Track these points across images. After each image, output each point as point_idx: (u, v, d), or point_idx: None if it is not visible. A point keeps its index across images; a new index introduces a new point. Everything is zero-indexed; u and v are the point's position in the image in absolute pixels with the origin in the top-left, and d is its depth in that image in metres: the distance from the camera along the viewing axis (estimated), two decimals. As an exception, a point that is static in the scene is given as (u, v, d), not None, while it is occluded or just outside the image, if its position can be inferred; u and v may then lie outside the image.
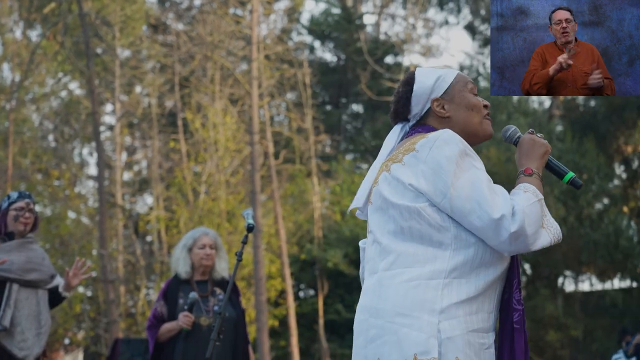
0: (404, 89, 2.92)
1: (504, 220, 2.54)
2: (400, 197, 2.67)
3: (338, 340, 23.16)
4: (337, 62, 32.06)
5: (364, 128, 31.55)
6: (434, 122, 2.86)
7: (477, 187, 2.60)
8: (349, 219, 23.57)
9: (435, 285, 2.58)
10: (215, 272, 5.76)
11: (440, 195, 2.61)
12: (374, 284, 2.68)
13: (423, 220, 2.63)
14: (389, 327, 2.57)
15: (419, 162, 2.66)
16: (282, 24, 26.33)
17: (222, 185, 20.60)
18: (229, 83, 21.68)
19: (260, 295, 18.23)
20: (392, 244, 2.68)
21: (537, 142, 2.82)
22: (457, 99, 2.87)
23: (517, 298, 2.68)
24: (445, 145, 2.64)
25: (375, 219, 2.77)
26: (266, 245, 20.97)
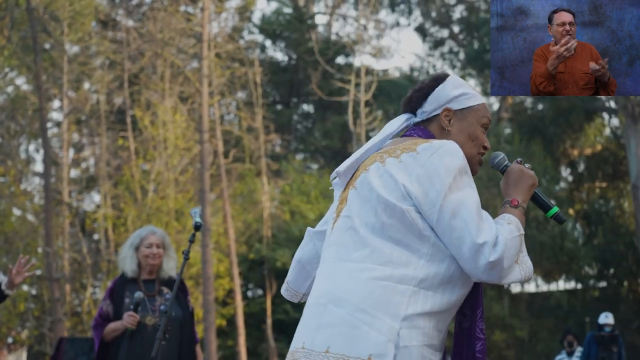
0: (431, 83, 2.85)
1: (485, 247, 2.50)
2: (389, 193, 2.59)
3: (286, 340, 23.15)
4: (288, 61, 32.04)
5: (315, 128, 31.57)
6: (435, 130, 2.81)
7: (468, 207, 2.54)
8: (298, 219, 23.56)
9: (404, 290, 2.52)
10: (163, 271, 5.70)
11: (429, 204, 2.55)
12: (343, 272, 2.59)
13: (405, 223, 2.57)
14: (348, 320, 2.50)
15: (416, 164, 2.60)
16: (233, 23, 26.25)
17: (171, 183, 20.46)
18: (179, 81, 21.54)
19: (208, 294, 18.14)
20: (369, 237, 2.59)
21: (526, 174, 2.77)
22: (466, 122, 2.81)
23: (481, 327, 2.66)
24: (448, 156, 2.59)
25: (356, 205, 2.67)
26: (215, 245, 20.88)
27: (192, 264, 20.16)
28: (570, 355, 12.90)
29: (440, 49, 28.15)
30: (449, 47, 28.00)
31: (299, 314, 18.52)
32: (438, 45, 28.12)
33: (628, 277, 24.28)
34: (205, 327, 18.23)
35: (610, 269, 25.13)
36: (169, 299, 5.58)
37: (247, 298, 24.68)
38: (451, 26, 27.48)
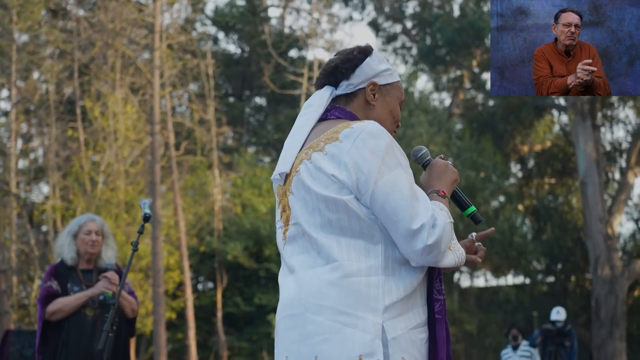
0: (360, 55, 2.76)
1: (422, 231, 2.49)
2: (325, 188, 2.55)
3: (236, 333, 23.09)
4: (240, 54, 31.91)
5: (267, 121, 31.50)
6: (357, 106, 2.74)
7: (400, 188, 2.52)
8: (249, 212, 23.50)
9: (375, 282, 2.50)
10: (101, 260, 5.57)
11: (362, 191, 2.52)
12: (312, 279, 2.55)
13: (351, 213, 2.53)
14: (330, 326, 2.48)
15: (342, 153, 2.55)
16: (186, 14, 26.04)
17: (121, 175, 20.27)
18: (130, 72, 21.33)
19: (158, 287, 18.02)
20: (322, 237, 2.56)
21: (450, 169, 2.78)
22: (389, 98, 2.77)
23: (438, 288, 2.64)
24: (371, 138, 2.54)
25: (298, 209, 2.63)
26: (165, 237, 20.74)
27: (142, 257, 20.00)
28: (515, 349, 13.04)
29: (393, 44, 28.23)
30: (401, 42, 28.10)
31: (250, 307, 18.59)
32: (391, 40, 28.19)
33: (576, 272, 24.63)
34: (155, 320, 18.10)
35: (558, 264, 25.45)
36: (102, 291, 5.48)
37: (198, 291, 24.57)
38: (404, 21, 27.58)
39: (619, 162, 25.02)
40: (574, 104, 22.17)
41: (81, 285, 5.46)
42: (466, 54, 24.19)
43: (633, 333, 23.04)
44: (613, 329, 20.90)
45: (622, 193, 22.60)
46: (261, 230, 22.73)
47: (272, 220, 23.07)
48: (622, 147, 24.85)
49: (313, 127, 2.72)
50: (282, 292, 2.66)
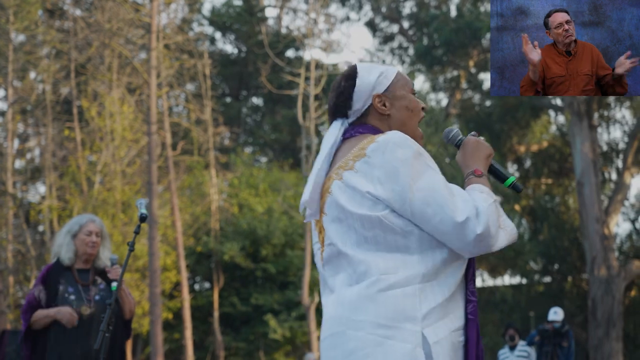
0: (347, 83, 2.81)
1: (469, 223, 2.52)
2: (359, 206, 2.59)
3: (232, 333, 23.08)
4: (237, 54, 31.91)
5: (264, 121, 31.50)
6: (374, 120, 2.79)
7: (436, 189, 2.55)
8: (246, 212, 23.49)
9: (412, 291, 2.53)
10: (99, 261, 5.57)
11: (399, 201, 2.55)
12: (350, 296, 2.58)
13: (386, 228, 2.57)
14: (371, 339, 2.51)
15: (372, 168, 2.59)
16: (182, 14, 26.04)
17: (118, 175, 20.25)
18: (126, 71, 21.32)
19: (155, 287, 18.00)
20: (359, 254, 2.59)
21: (482, 144, 2.80)
22: (398, 97, 2.80)
23: (472, 290, 2.67)
24: (398, 148, 2.58)
25: (333, 230, 2.66)
26: (162, 237, 20.72)
27: (139, 257, 19.98)
28: (512, 349, 13.04)
29: (390, 44, 28.23)
30: (398, 42, 28.10)
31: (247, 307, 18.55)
32: (388, 40, 28.20)
33: (572, 272, 24.63)
34: (152, 320, 18.08)
35: (555, 265, 25.45)
36: (103, 289, 5.50)
37: (194, 291, 24.56)
38: (401, 22, 27.58)
39: (615, 163, 25.03)
40: (571, 103, 22.18)
41: (76, 285, 5.46)
42: (463, 54, 24.19)
43: (629, 333, 23.05)
44: (609, 329, 20.91)
45: (618, 193, 22.62)
46: (258, 230, 22.72)
47: (268, 220, 23.07)
48: (618, 148, 24.86)
49: (337, 148, 2.77)
50: (325, 313, 2.70)
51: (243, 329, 23.04)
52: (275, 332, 21.56)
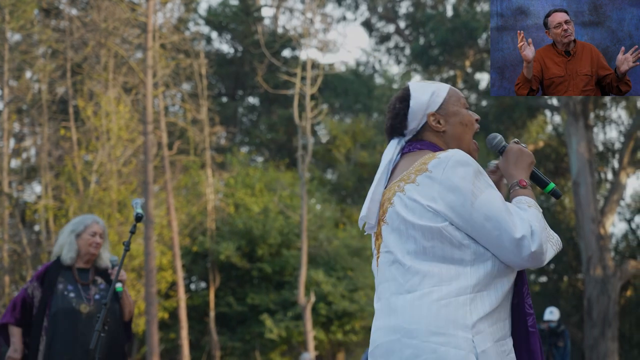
0: (401, 105, 2.92)
1: (524, 240, 2.65)
2: (420, 218, 2.71)
3: (228, 333, 23.07)
4: (234, 53, 31.89)
5: (260, 121, 31.49)
6: (430, 137, 2.91)
7: (495, 206, 2.68)
8: (242, 212, 23.48)
9: (463, 301, 2.65)
10: (101, 261, 5.62)
11: (460, 216, 2.68)
12: (404, 305, 2.69)
13: (445, 240, 2.69)
14: (425, 347, 2.61)
15: (433, 182, 2.71)
16: (179, 14, 26.01)
17: (114, 175, 20.22)
18: (122, 71, 21.28)
19: (151, 287, 17.98)
20: (416, 264, 2.71)
21: (525, 153, 2.93)
22: (451, 113, 2.91)
23: (529, 303, 2.80)
24: (460, 166, 2.71)
25: (392, 239, 2.79)
26: (158, 237, 20.70)
27: (135, 256, 19.96)
28: None
29: (386, 44, 28.24)
30: (394, 42, 28.11)
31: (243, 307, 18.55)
32: (384, 40, 28.20)
33: (568, 272, 24.66)
34: (148, 319, 18.06)
35: (551, 264, 25.48)
36: (103, 289, 5.53)
37: (190, 291, 24.54)
38: (397, 21, 27.58)
39: (611, 163, 25.06)
40: (567, 103, 22.19)
41: (76, 284, 5.51)
42: (459, 54, 24.21)
43: (625, 333, 23.09)
44: (605, 329, 20.93)
45: (614, 193, 22.64)
46: (254, 230, 22.71)
47: (264, 220, 23.06)
48: (614, 148, 24.89)
49: (395, 164, 2.92)
50: (377, 319, 2.81)
51: (239, 328, 23.03)
52: (271, 332, 21.56)
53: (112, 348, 5.42)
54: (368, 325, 23.54)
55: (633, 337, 23.43)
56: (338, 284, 22.61)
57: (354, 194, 29.77)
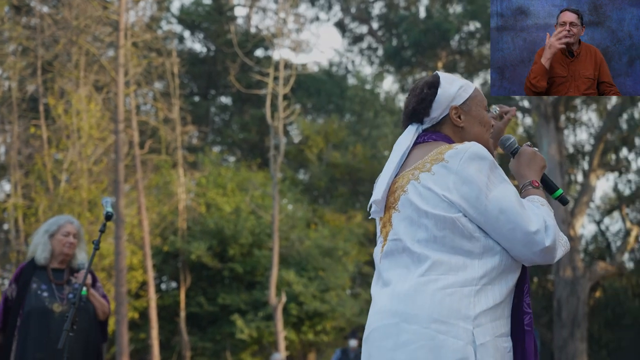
0: (429, 90, 2.93)
1: (538, 235, 2.67)
2: (434, 207, 2.71)
3: (199, 333, 22.99)
4: (206, 53, 31.81)
5: (232, 120, 31.43)
6: (448, 130, 2.92)
7: (510, 200, 2.69)
8: (214, 212, 23.42)
9: (468, 292, 2.65)
10: (75, 261, 5.63)
11: (474, 208, 2.69)
12: (407, 291, 2.69)
13: (456, 230, 2.69)
14: (424, 333, 2.61)
15: (449, 173, 2.72)
16: (151, 12, 25.89)
17: (84, 173, 20.09)
18: (94, 69, 21.15)
19: (121, 286, 17.89)
20: (425, 252, 2.71)
21: (538, 156, 2.97)
22: (473, 112, 2.94)
23: (528, 302, 2.81)
24: (477, 158, 2.72)
25: (403, 227, 2.78)
26: (128, 236, 20.59)
27: (105, 256, 19.85)
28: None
29: (359, 45, 28.28)
30: (367, 43, 28.14)
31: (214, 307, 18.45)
32: (357, 41, 28.24)
33: (537, 273, 24.80)
34: (118, 319, 17.97)
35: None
36: (77, 289, 5.51)
37: (161, 291, 24.43)
38: (370, 22, 27.62)
39: (581, 165, 25.25)
40: (538, 106, 22.33)
41: (50, 283, 5.53)
42: (432, 56, 24.28)
43: (594, 334, 23.27)
44: (574, 330, 21.09)
45: (584, 195, 22.80)
46: (225, 230, 22.65)
47: (236, 220, 23.00)
48: (584, 150, 25.07)
49: (409, 153, 2.91)
50: (376, 304, 2.80)
51: (210, 328, 22.96)
52: (242, 332, 21.51)
53: (87, 347, 5.41)
54: (339, 326, 23.55)
55: (602, 338, 23.62)
56: (309, 285, 22.61)
57: (326, 194, 29.78)
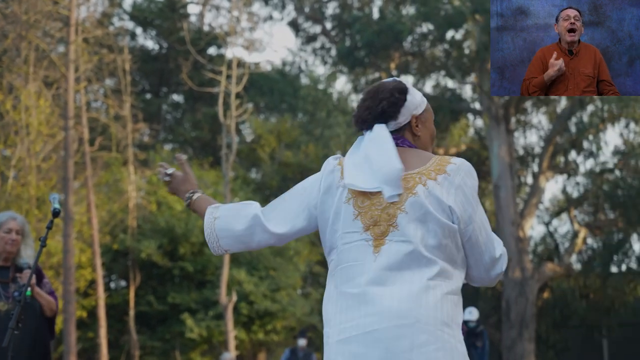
0: (401, 96, 3.01)
1: (502, 260, 2.89)
2: (442, 215, 2.81)
3: (148, 332, 22.82)
4: (158, 50, 31.58)
5: (184, 118, 31.25)
6: (409, 137, 3.02)
7: (486, 222, 2.89)
8: (164, 210, 23.26)
9: (457, 301, 2.81)
10: (20, 259, 5.51)
11: (467, 221, 2.83)
12: (418, 292, 2.74)
13: (454, 241, 2.82)
14: (440, 336, 2.71)
15: (451, 186, 2.83)
16: (102, 8, 25.64)
17: (33, 170, 19.83)
18: (43, 65, 20.87)
19: (69, 285, 17.69)
20: (434, 257, 2.78)
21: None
22: (428, 124, 3.07)
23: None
24: (471, 176, 2.87)
25: (412, 229, 2.80)
26: (77, 234, 20.36)
27: (53, 254, 19.61)
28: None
29: (312, 45, 28.27)
30: (321, 43, 28.15)
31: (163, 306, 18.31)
32: (310, 40, 28.23)
33: (487, 274, 25.00)
34: (65, 318, 17.76)
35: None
36: (23, 287, 5.42)
37: (110, 289, 24.21)
38: (324, 22, 27.64)
39: (531, 167, 25.52)
40: (489, 108, 22.52)
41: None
42: (385, 57, 24.36)
43: (542, 334, 23.53)
44: (522, 330, 21.30)
45: (533, 197, 23.05)
46: (176, 228, 22.50)
47: (187, 218, 22.87)
48: (534, 152, 25.35)
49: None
50: (376, 304, 2.74)
51: (159, 327, 22.80)
52: (192, 332, 21.39)
53: (34, 346, 5.32)
54: (290, 325, 23.53)
55: (549, 338, 23.89)
56: (260, 284, 22.55)
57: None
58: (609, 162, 23.49)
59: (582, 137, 23.24)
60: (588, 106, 23.00)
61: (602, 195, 23.23)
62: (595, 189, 23.56)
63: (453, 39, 24.00)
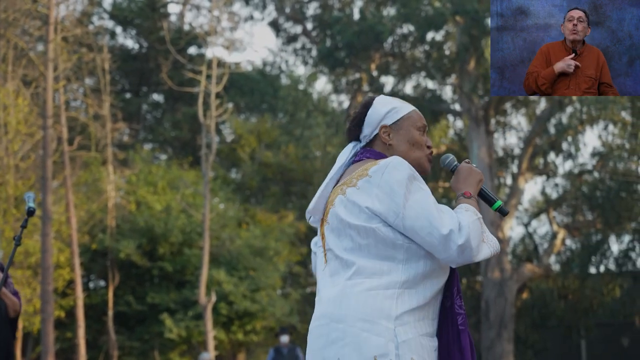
0: (361, 111, 3.23)
1: (452, 235, 2.87)
2: (356, 218, 2.96)
3: (127, 332, 22.73)
4: (138, 49, 31.48)
5: (164, 118, 31.16)
6: (379, 147, 3.17)
7: (426, 206, 2.91)
8: (144, 210, 23.17)
9: (391, 294, 2.88)
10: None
11: (393, 215, 2.91)
12: (337, 294, 2.94)
13: (379, 239, 2.92)
14: (350, 331, 2.85)
15: (372, 186, 2.96)
16: (82, 6, 25.51)
17: (11, 169, 19.70)
18: (22, 63, 20.75)
19: (47, 284, 17.57)
20: (352, 258, 2.96)
21: (474, 171, 3.16)
22: (403, 131, 3.17)
23: (459, 304, 3.04)
24: (395, 170, 2.95)
25: (332, 238, 3.05)
26: (56, 234, 20.26)
27: (32, 253, 19.49)
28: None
29: (293, 45, 28.25)
30: (302, 43, 28.14)
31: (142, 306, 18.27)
32: (291, 41, 28.21)
33: (467, 274, 25.09)
34: (43, 318, 17.64)
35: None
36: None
37: (89, 289, 24.10)
38: (305, 23, 27.62)
39: (510, 168, 25.60)
40: (469, 109, 22.58)
41: None
42: (365, 57, 24.37)
43: (520, 335, 23.61)
44: (501, 331, 21.38)
45: (513, 198, 23.14)
46: (155, 228, 22.43)
47: (166, 218, 22.80)
48: (514, 153, 25.43)
49: (345, 169, 3.19)
50: (317, 306, 3.05)
51: (138, 328, 22.71)
52: (171, 332, 21.33)
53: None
54: (269, 326, 23.50)
55: (528, 339, 23.98)
56: (240, 284, 22.51)
57: (258, 193, 29.69)
58: (587, 163, 23.60)
59: (561, 138, 23.34)
60: (567, 108, 23.10)
61: (580, 196, 23.34)
62: (574, 190, 23.67)
63: (433, 40, 24.05)
